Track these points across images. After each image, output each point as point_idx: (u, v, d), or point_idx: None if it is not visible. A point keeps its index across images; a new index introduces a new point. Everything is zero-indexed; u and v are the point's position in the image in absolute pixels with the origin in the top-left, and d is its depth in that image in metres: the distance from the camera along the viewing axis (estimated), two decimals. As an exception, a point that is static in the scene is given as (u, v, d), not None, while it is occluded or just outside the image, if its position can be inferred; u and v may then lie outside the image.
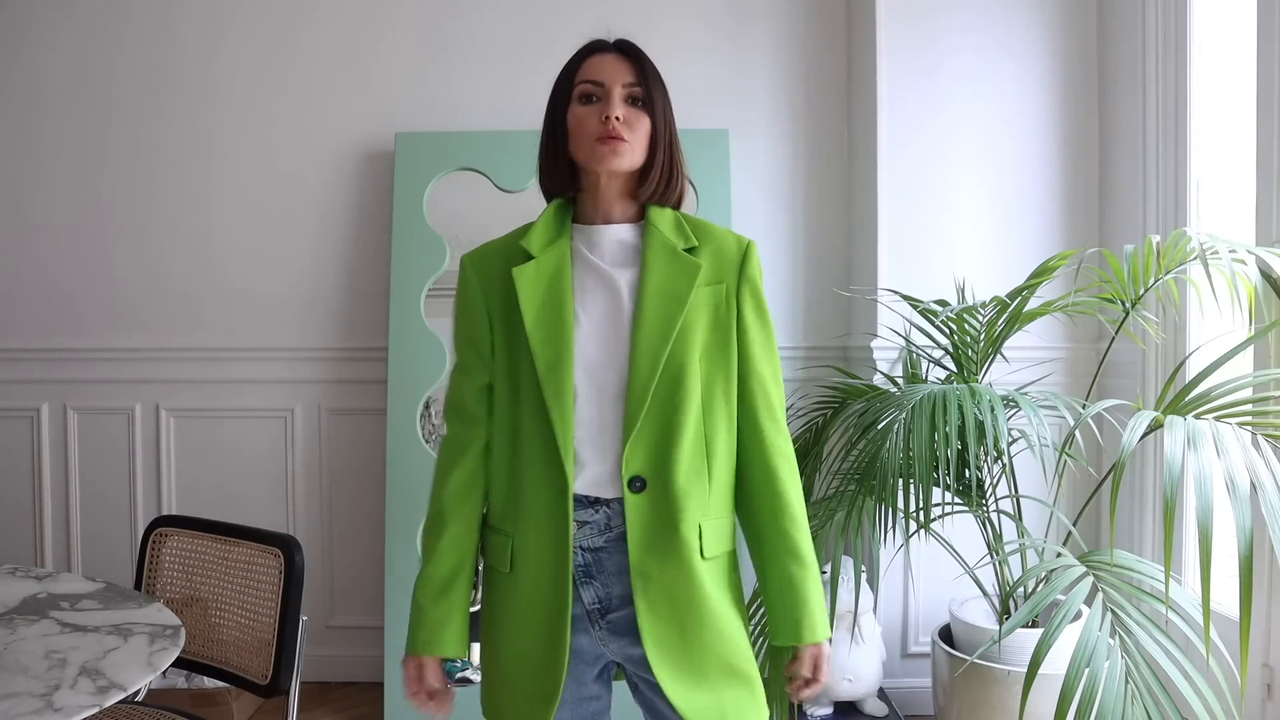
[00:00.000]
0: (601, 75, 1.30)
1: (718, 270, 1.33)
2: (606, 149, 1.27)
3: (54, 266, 3.08)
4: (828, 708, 2.46)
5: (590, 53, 1.34)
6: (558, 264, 1.31)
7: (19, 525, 3.11)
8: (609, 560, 1.29)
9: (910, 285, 2.63)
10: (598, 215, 1.35)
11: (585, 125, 1.29)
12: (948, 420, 1.95)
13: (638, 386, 1.26)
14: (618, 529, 1.29)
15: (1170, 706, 1.65)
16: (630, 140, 1.28)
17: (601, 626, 1.31)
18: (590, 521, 1.29)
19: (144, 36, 3.04)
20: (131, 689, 1.29)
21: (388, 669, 2.72)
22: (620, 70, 1.30)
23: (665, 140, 1.32)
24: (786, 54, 3.02)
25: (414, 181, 2.88)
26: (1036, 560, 2.31)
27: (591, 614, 1.30)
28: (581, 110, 1.30)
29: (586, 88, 1.30)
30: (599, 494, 1.29)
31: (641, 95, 1.30)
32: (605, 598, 1.30)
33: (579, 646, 1.31)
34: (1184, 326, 2.39)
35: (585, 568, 1.29)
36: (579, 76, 1.32)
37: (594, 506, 1.29)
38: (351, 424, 3.05)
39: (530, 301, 1.30)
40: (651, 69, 1.33)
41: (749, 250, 1.36)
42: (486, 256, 1.39)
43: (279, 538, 1.76)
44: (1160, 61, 2.45)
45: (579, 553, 1.29)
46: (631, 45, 1.35)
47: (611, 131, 1.27)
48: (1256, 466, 1.61)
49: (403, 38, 3.02)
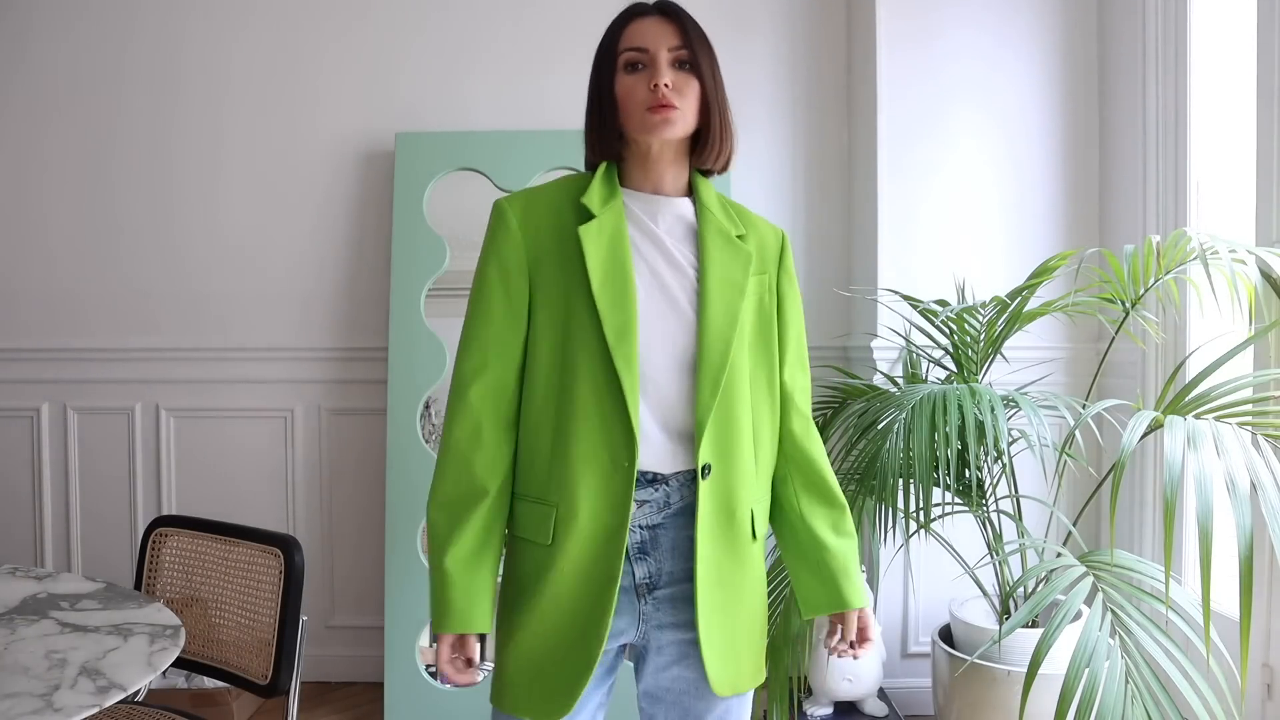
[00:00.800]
0: (645, 41, 1.26)
1: (762, 260, 1.35)
2: (659, 118, 1.24)
3: (54, 266, 3.08)
4: (828, 708, 2.46)
5: (631, 17, 1.30)
6: (616, 225, 1.28)
7: (19, 525, 3.11)
8: (664, 537, 1.29)
9: (910, 285, 2.63)
10: (647, 183, 1.32)
11: (634, 95, 1.26)
12: (948, 420, 1.95)
13: (709, 375, 1.26)
14: (675, 505, 1.29)
15: (1170, 706, 1.65)
16: (681, 107, 1.25)
17: (648, 601, 1.30)
18: (649, 500, 1.28)
19: (146, 36, 3.04)
20: (131, 689, 1.29)
21: (388, 669, 2.72)
22: (664, 34, 1.27)
23: (717, 101, 1.29)
24: (787, 54, 3.02)
25: (414, 181, 2.88)
26: (1036, 560, 2.31)
27: (640, 588, 1.30)
28: (629, 80, 1.27)
29: (632, 55, 1.27)
30: (658, 470, 1.27)
31: (689, 58, 1.27)
32: (656, 574, 1.30)
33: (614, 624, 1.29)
34: (1184, 326, 2.39)
35: (641, 544, 1.29)
36: (622, 44, 1.28)
37: (654, 485, 1.28)
38: (351, 424, 3.05)
39: (597, 262, 1.24)
40: (695, 28, 1.29)
41: (785, 242, 1.39)
42: (532, 205, 1.32)
43: (279, 538, 1.76)
44: (1160, 61, 2.45)
45: (636, 530, 1.27)
46: (673, 5, 1.31)
47: (662, 100, 1.24)
48: (1256, 466, 1.61)
49: (403, 38, 3.02)
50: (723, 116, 1.30)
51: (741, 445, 1.30)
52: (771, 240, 1.38)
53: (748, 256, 1.31)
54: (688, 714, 1.35)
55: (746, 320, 1.31)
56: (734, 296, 1.29)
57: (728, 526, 1.30)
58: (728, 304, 1.28)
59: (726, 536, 1.30)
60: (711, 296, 1.27)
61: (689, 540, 1.29)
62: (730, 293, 1.29)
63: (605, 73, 1.29)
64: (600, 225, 1.26)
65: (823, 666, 2.40)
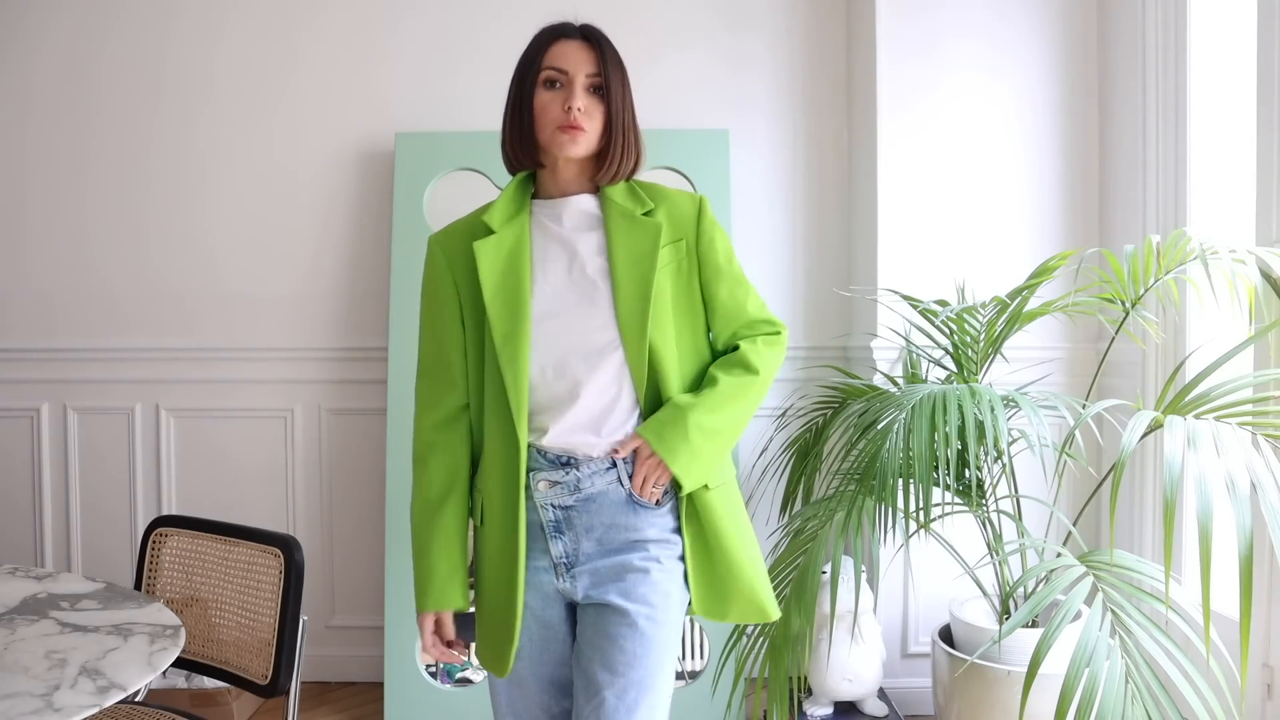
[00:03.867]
0: (566, 64, 1.39)
1: (677, 228, 1.44)
2: (566, 137, 1.38)
3: (54, 266, 3.08)
4: (828, 708, 2.46)
5: (557, 37, 1.42)
6: (517, 238, 1.42)
7: (19, 525, 3.11)
8: (578, 519, 1.41)
9: (910, 285, 2.63)
10: (556, 190, 1.46)
11: (549, 111, 1.39)
12: (948, 420, 1.95)
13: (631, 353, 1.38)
14: (587, 490, 1.40)
15: (1170, 706, 1.66)
16: (589, 129, 1.39)
17: (566, 578, 1.42)
18: (561, 482, 1.40)
19: (147, 37, 3.04)
20: (131, 689, 1.29)
21: (388, 669, 2.72)
22: (584, 60, 1.39)
23: (622, 124, 1.41)
24: (787, 54, 3.02)
25: (414, 181, 2.88)
26: (1036, 560, 2.31)
27: (558, 566, 1.42)
28: (546, 95, 1.40)
29: (551, 74, 1.40)
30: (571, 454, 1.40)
31: (602, 84, 1.40)
32: (573, 553, 1.41)
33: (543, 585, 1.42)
34: (1184, 326, 2.39)
35: (556, 524, 1.41)
36: (545, 61, 1.41)
37: (565, 468, 1.40)
38: (351, 424, 3.05)
39: (489, 274, 1.40)
40: (613, 57, 1.41)
41: (702, 204, 1.47)
42: (451, 235, 1.50)
43: (279, 538, 1.76)
44: (1160, 61, 2.45)
45: (549, 509, 1.40)
46: (594, 32, 1.43)
47: (572, 121, 1.37)
48: (1256, 466, 1.61)
49: (403, 38, 3.03)
50: (627, 137, 1.42)
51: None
52: (687, 207, 1.46)
53: (656, 227, 1.41)
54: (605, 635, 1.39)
55: (665, 287, 1.41)
56: (646, 268, 1.39)
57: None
58: (640, 275, 1.39)
59: None
60: (620, 272, 1.39)
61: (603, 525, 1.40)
62: (641, 265, 1.39)
63: (526, 82, 1.42)
64: (498, 240, 1.42)
65: (823, 666, 2.40)
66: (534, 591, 1.42)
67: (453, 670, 2.79)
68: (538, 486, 1.40)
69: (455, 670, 2.79)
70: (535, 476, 1.40)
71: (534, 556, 1.42)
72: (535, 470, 1.40)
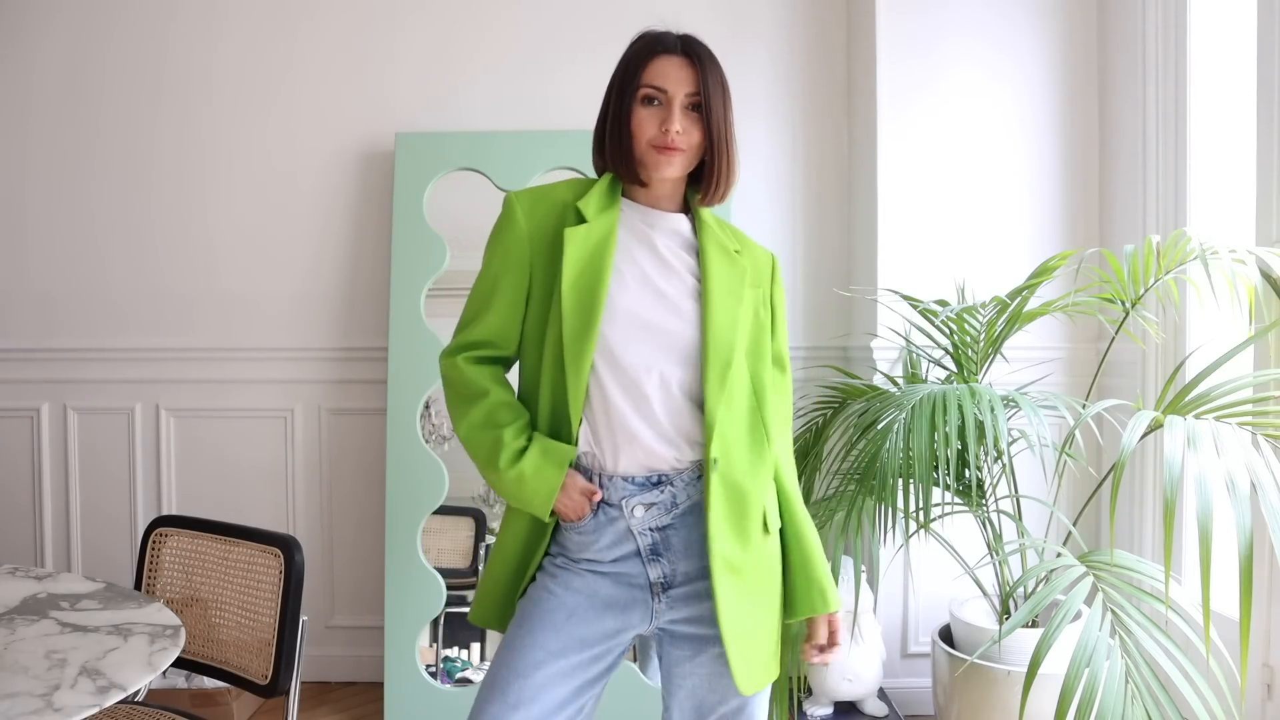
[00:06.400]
0: (665, 83, 1.33)
1: (756, 276, 1.42)
2: (662, 158, 1.33)
3: (54, 266, 3.08)
4: (828, 708, 2.46)
5: (656, 53, 1.36)
6: (605, 232, 1.35)
7: (19, 525, 3.11)
8: (675, 537, 1.34)
9: (910, 285, 2.63)
10: (648, 199, 1.41)
11: (645, 129, 1.34)
12: (948, 420, 1.95)
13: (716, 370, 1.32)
14: (684, 505, 1.33)
15: (1170, 706, 1.65)
16: (686, 150, 1.34)
17: (663, 600, 1.35)
18: (656, 502, 1.33)
19: (148, 37, 3.04)
20: (131, 689, 1.29)
21: (388, 669, 2.72)
22: (684, 79, 1.34)
23: (722, 146, 1.36)
24: (787, 54, 3.02)
25: (414, 181, 2.88)
26: (1036, 560, 2.31)
27: (655, 587, 1.35)
28: (644, 112, 1.34)
29: (650, 91, 1.34)
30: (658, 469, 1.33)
31: (702, 103, 1.34)
32: (670, 574, 1.35)
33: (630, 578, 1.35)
34: (1184, 326, 2.39)
35: (653, 546, 1.34)
36: (643, 79, 1.34)
37: (657, 487, 1.33)
38: (351, 424, 3.05)
39: (573, 263, 1.32)
40: (714, 74, 1.36)
41: (775, 263, 1.48)
42: (538, 202, 1.40)
43: (279, 538, 1.76)
44: (1160, 61, 2.45)
45: (648, 533, 1.33)
46: (695, 47, 1.37)
47: (670, 143, 1.32)
48: (1256, 466, 1.61)
49: (403, 38, 3.02)
50: (726, 158, 1.37)
51: (746, 440, 1.35)
52: (764, 260, 1.46)
53: (744, 269, 1.39)
54: (701, 706, 1.38)
55: (744, 326, 1.37)
56: (734, 303, 1.36)
57: (740, 520, 1.32)
58: (729, 308, 1.35)
59: (739, 531, 1.32)
60: (715, 300, 1.34)
61: (701, 539, 1.32)
62: (731, 300, 1.36)
63: (624, 95, 1.35)
64: (588, 230, 1.34)
65: (823, 667, 2.40)
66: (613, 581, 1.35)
67: (452, 670, 2.79)
68: (634, 513, 1.32)
69: (455, 670, 2.80)
70: (629, 504, 1.33)
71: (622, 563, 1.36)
72: (626, 498, 1.33)
